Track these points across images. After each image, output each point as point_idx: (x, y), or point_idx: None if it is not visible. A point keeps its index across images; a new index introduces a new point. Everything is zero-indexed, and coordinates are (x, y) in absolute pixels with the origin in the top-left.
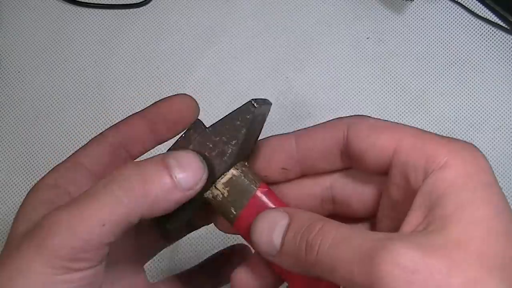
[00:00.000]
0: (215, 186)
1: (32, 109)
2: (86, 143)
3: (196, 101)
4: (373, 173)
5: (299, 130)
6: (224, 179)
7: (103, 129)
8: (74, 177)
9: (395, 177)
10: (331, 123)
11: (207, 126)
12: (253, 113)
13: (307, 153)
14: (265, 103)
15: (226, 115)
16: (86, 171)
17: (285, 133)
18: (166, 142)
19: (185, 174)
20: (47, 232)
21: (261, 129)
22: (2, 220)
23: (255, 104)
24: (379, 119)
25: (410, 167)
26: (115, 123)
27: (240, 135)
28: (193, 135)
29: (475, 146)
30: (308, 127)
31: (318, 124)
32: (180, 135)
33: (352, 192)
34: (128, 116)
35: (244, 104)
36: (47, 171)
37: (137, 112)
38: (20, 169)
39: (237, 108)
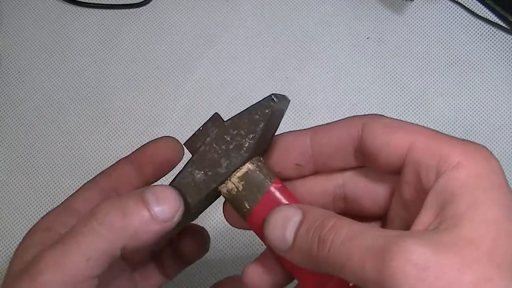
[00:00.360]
0: (230, 180)
1: (32, 109)
2: (78, 189)
3: (180, 143)
4: (386, 172)
5: (314, 127)
6: (240, 173)
7: (103, 129)
8: (66, 221)
9: (408, 176)
10: (346, 121)
11: (224, 120)
12: (272, 107)
13: (322, 149)
14: (284, 99)
15: (245, 109)
16: (78, 214)
17: (300, 130)
18: None
19: (162, 208)
20: (36, 269)
21: (278, 125)
22: (2, 220)
23: (274, 99)
24: (394, 118)
25: (423, 166)
26: (104, 169)
27: (258, 129)
28: (211, 128)
29: (487, 148)
30: (323, 124)
31: (333, 121)
32: (198, 128)
33: (364, 191)
34: (116, 162)
35: (264, 98)
36: (47, 168)
37: (125, 157)
38: (20, 169)
39: (256, 102)
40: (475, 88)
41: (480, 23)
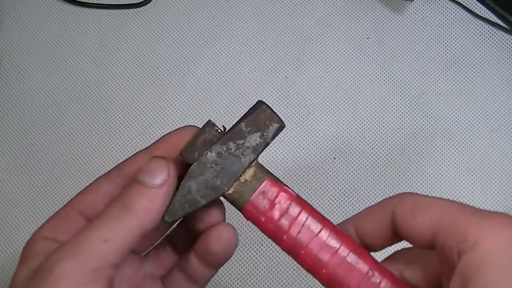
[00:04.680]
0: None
1: (32, 109)
2: (90, 184)
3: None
4: (423, 248)
5: (354, 216)
6: (242, 178)
7: (103, 129)
8: (68, 229)
9: (439, 256)
10: (379, 206)
11: (216, 126)
12: (270, 112)
13: (366, 237)
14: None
15: (241, 118)
16: (81, 221)
17: (342, 222)
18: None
19: (149, 174)
20: (52, 261)
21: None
22: (2, 219)
23: (265, 103)
24: (421, 195)
25: (447, 248)
26: (120, 162)
27: (259, 138)
28: (207, 136)
29: (510, 218)
30: (362, 211)
31: (370, 207)
32: (194, 136)
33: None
34: (134, 154)
35: (255, 105)
36: (47, 168)
37: (143, 149)
38: (20, 169)
39: (251, 111)
40: (475, 88)
41: (480, 23)
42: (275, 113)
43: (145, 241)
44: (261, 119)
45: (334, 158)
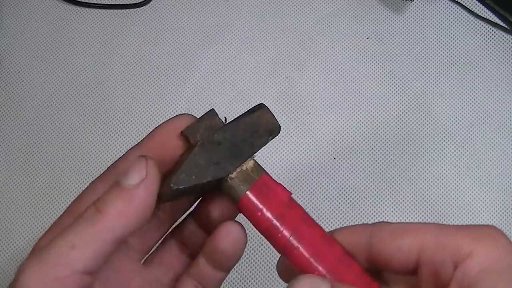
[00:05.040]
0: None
1: (32, 109)
2: (87, 189)
3: (195, 117)
4: (399, 274)
5: (333, 230)
6: (239, 168)
7: (103, 129)
8: None
9: (426, 275)
10: (353, 229)
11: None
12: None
13: None
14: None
15: (242, 115)
16: None
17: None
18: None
19: (125, 174)
20: (18, 272)
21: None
22: (2, 219)
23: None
24: (398, 223)
25: (438, 263)
26: (113, 162)
27: (263, 135)
28: (211, 121)
29: (496, 228)
30: (334, 230)
31: (341, 228)
32: (197, 118)
33: None
34: (126, 152)
35: (256, 107)
36: (47, 167)
37: (135, 145)
38: (20, 169)
39: (252, 111)
40: (475, 88)
41: (480, 23)
42: (274, 116)
43: (147, 240)
44: (262, 119)
45: (334, 158)
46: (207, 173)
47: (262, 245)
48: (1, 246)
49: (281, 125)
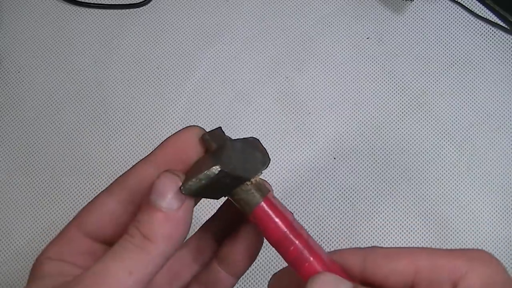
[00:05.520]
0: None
1: (32, 109)
2: (92, 201)
3: (204, 130)
4: None
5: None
6: (254, 179)
7: (103, 129)
8: (75, 252)
9: None
10: (346, 252)
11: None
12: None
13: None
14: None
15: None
16: (88, 243)
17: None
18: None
19: (164, 198)
20: None
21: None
22: (2, 219)
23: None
24: (391, 247)
25: (436, 283)
26: (121, 175)
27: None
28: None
29: (486, 252)
30: (329, 252)
31: (334, 251)
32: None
33: None
34: (134, 165)
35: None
36: (47, 168)
37: (144, 158)
38: (20, 169)
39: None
40: (475, 88)
41: (480, 23)
42: (265, 149)
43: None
44: (259, 146)
45: (334, 158)
46: (237, 169)
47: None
48: (1, 246)
49: (281, 125)
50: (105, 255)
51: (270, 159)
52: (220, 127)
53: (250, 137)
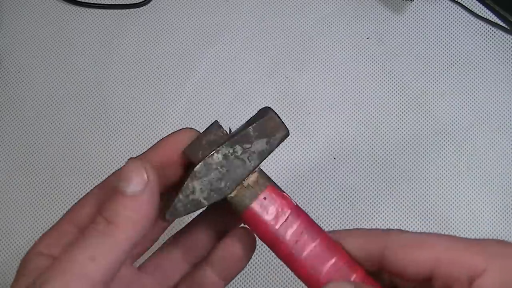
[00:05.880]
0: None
1: (32, 109)
2: (85, 195)
3: (199, 132)
4: (410, 282)
5: (345, 230)
6: (245, 182)
7: (103, 129)
8: (65, 244)
9: (437, 286)
10: (372, 234)
11: (222, 127)
12: (276, 118)
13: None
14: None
15: (248, 122)
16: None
17: (334, 231)
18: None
19: (127, 181)
20: (42, 280)
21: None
22: (2, 219)
23: (271, 108)
24: (412, 233)
25: (453, 278)
26: (113, 172)
27: (266, 144)
28: (214, 136)
29: (508, 244)
30: (353, 230)
31: (361, 229)
32: (199, 134)
33: None
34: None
35: (260, 112)
36: (47, 168)
37: (137, 157)
38: (20, 169)
39: (257, 117)
40: (475, 88)
41: (480, 23)
42: (282, 121)
43: (142, 244)
44: (269, 126)
45: (334, 158)
46: (203, 200)
47: (262, 245)
48: (1, 246)
49: None
50: (71, 244)
51: (286, 134)
52: (216, 121)
53: (262, 110)
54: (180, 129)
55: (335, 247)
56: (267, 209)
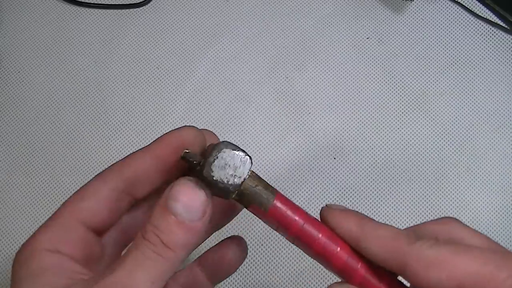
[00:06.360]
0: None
1: (32, 109)
2: (84, 187)
3: (203, 135)
4: None
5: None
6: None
7: (103, 129)
8: (71, 240)
9: None
10: (394, 231)
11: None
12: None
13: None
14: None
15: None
16: (83, 231)
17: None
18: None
19: (189, 210)
20: None
21: None
22: (2, 219)
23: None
24: (433, 246)
25: None
26: (117, 161)
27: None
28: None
29: None
30: (369, 223)
31: (380, 225)
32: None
33: None
34: (131, 153)
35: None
36: (47, 167)
37: (142, 148)
38: (20, 169)
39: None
40: (475, 88)
41: (480, 23)
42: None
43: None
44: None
45: (334, 158)
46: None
47: (262, 245)
48: (1, 246)
49: (281, 125)
50: (124, 261)
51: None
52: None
53: (220, 144)
54: (183, 126)
55: (336, 239)
56: (291, 202)
